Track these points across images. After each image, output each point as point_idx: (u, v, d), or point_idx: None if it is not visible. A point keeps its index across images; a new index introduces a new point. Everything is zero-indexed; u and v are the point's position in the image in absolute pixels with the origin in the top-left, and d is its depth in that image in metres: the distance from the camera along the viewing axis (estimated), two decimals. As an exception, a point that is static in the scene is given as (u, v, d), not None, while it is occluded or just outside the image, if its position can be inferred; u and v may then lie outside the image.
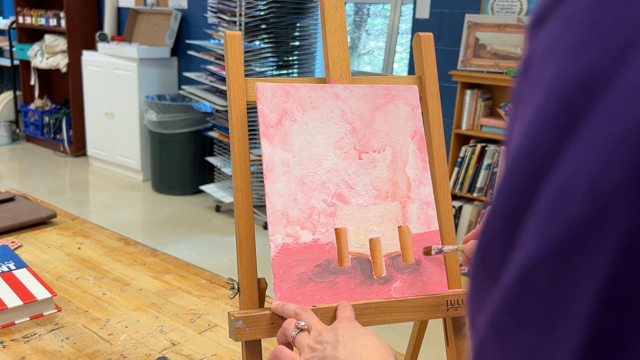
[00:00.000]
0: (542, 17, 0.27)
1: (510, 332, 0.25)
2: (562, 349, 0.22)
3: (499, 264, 0.26)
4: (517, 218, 0.25)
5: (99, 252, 1.37)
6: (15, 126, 5.88)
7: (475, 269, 0.28)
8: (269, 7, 3.70)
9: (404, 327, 2.53)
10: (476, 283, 0.28)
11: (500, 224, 0.26)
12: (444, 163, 0.88)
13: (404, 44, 3.86)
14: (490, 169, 3.02)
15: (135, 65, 4.54)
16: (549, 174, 0.23)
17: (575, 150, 0.23)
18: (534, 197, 0.24)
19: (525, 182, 0.25)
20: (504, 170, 0.26)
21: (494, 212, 0.27)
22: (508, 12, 3.10)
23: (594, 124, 0.22)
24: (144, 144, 4.66)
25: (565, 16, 0.25)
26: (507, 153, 0.26)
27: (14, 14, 5.51)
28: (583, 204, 0.22)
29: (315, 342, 0.64)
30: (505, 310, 0.25)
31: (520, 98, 0.27)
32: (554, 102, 0.24)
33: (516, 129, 0.26)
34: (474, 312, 0.28)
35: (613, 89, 0.22)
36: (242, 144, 0.77)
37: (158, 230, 3.81)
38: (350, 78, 0.84)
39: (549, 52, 0.25)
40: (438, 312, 0.80)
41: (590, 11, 0.24)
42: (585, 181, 0.22)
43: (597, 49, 0.23)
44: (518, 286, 0.24)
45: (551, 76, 0.25)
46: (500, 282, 0.25)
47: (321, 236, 0.77)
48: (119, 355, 0.98)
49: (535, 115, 0.25)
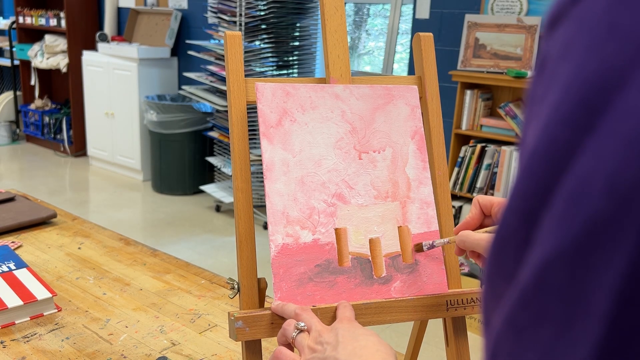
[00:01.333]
0: (557, 18, 0.27)
1: (527, 329, 0.25)
2: (580, 345, 0.22)
3: (515, 263, 0.26)
4: (534, 216, 0.25)
5: (99, 252, 1.37)
6: (15, 126, 5.88)
7: (490, 268, 0.28)
8: (269, 7, 3.70)
9: (404, 327, 2.53)
10: (491, 282, 0.28)
11: (516, 223, 0.26)
12: (444, 163, 0.88)
13: (404, 44, 3.86)
14: (490, 169, 3.02)
15: (136, 65, 4.54)
16: (566, 172, 0.24)
17: (593, 147, 0.23)
18: (551, 195, 0.24)
19: (542, 180, 0.25)
20: (519, 169, 0.26)
21: (510, 210, 0.27)
22: (508, 12, 3.10)
23: (611, 121, 0.22)
24: (144, 144, 4.66)
25: (581, 16, 0.25)
26: (523, 152, 0.26)
27: (14, 14, 5.51)
28: (601, 201, 0.22)
29: (315, 342, 0.64)
30: (522, 307, 0.25)
31: (536, 98, 0.27)
32: (571, 100, 0.24)
33: (532, 129, 0.26)
34: (488, 311, 0.28)
35: (631, 86, 0.22)
36: (242, 144, 0.77)
37: (158, 230, 3.81)
38: (350, 78, 0.84)
39: (565, 52, 0.25)
40: (438, 312, 0.80)
41: (607, 10, 0.24)
42: (603, 178, 0.22)
43: (615, 47, 0.23)
44: (536, 283, 0.24)
45: (568, 74, 0.25)
46: (517, 280, 0.25)
47: (321, 236, 0.77)
48: (119, 355, 0.98)
49: (552, 113, 0.25)
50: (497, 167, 2.97)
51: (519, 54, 2.95)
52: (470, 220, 0.76)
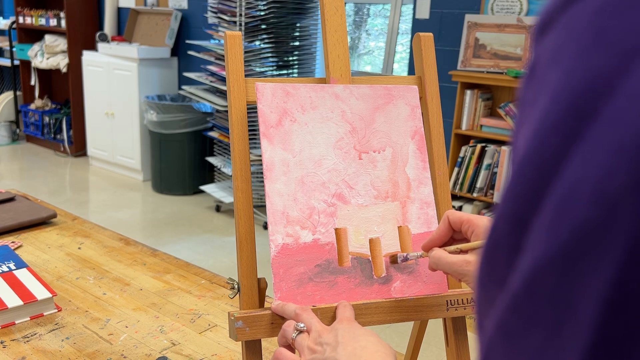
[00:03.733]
0: (547, 23, 0.27)
1: (518, 335, 0.25)
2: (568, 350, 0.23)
3: (506, 268, 0.26)
4: (524, 222, 0.25)
5: (99, 252, 1.37)
6: (15, 126, 5.88)
7: (482, 273, 0.28)
8: (269, 7, 3.70)
9: (404, 327, 2.53)
10: (483, 287, 0.28)
11: (506, 228, 0.26)
12: (444, 163, 0.88)
13: (404, 44, 3.86)
14: (490, 169, 3.02)
15: (136, 66, 4.54)
16: (555, 178, 0.24)
17: (581, 154, 0.23)
18: (540, 201, 0.24)
19: (531, 186, 0.25)
20: (510, 175, 0.27)
21: (501, 216, 0.27)
22: (508, 12, 3.10)
23: (599, 128, 0.22)
24: (144, 144, 4.66)
25: (571, 22, 0.25)
26: (514, 157, 0.27)
27: (14, 14, 5.51)
28: (589, 207, 0.22)
29: (315, 343, 0.64)
30: (513, 313, 0.25)
31: (526, 103, 0.27)
32: (559, 107, 0.24)
33: (522, 134, 0.26)
34: (481, 316, 0.28)
35: (619, 93, 0.22)
36: (242, 144, 0.78)
37: (158, 230, 3.81)
38: (350, 78, 0.84)
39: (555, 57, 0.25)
40: (438, 312, 0.80)
41: (595, 17, 0.24)
42: (591, 185, 0.22)
43: (603, 54, 0.23)
44: (526, 289, 0.24)
45: (557, 81, 0.25)
46: (508, 286, 0.25)
47: (321, 236, 0.77)
48: (119, 355, 0.98)
49: (541, 119, 0.25)
50: (497, 167, 2.97)
51: (519, 54, 2.95)
52: (438, 237, 0.74)
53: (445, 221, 0.73)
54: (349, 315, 0.70)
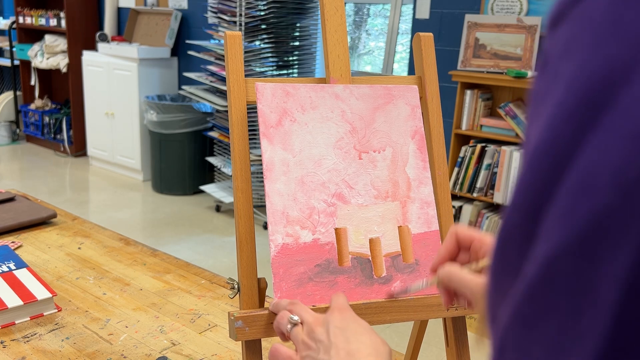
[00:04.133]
0: (559, 16, 0.27)
1: (534, 323, 0.25)
2: (586, 337, 0.23)
3: (520, 258, 0.26)
4: (538, 211, 0.25)
5: (99, 252, 1.37)
6: (15, 126, 5.88)
7: (495, 265, 0.29)
8: (269, 7, 3.70)
9: (404, 327, 2.53)
10: (496, 279, 0.29)
11: (520, 219, 0.26)
12: (444, 163, 0.88)
13: (404, 44, 3.86)
14: (490, 169, 3.02)
15: (136, 66, 4.54)
16: (570, 167, 0.24)
17: (597, 142, 0.23)
18: (554, 190, 0.24)
19: (545, 175, 0.25)
20: (522, 166, 0.27)
21: (514, 207, 0.27)
22: (508, 12, 3.10)
23: (616, 116, 0.23)
24: (144, 144, 4.66)
25: (584, 14, 0.25)
26: (526, 149, 0.27)
27: (14, 14, 5.51)
28: (606, 194, 0.22)
29: (309, 337, 0.63)
30: (529, 301, 0.25)
31: (538, 97, 0.27)
32: (574, 96, 0.24)
33: (535, 126, 0.27)
34: (494, 308, 0.28)
35: (635, 81, 0.22)
36: (242, 144, 0.78)
37: (158, 230, 3.81)
38: (350, 78, 0.84)
39: (568, 49, 0.26)
40: (438, 312, 0.80)
41: (610, 8, 0.24)
42: (608, 172, 0.22)
43: (619, 44, 0.23)
44: (542, 277, 0.24)
45: (571, 71, 0.25)
46: (523, 275, 0.26)
47: (321, 236, 0.77)
48: (119, 355, 0.98)
49: (556, 109, 0.25)
50: (497, 167, 2.97)
51: (519, 54, 2.95)
52: (446, 254, 0.67)
53: (453, 237, 0.67)
54: (341, 303, 0.66)
